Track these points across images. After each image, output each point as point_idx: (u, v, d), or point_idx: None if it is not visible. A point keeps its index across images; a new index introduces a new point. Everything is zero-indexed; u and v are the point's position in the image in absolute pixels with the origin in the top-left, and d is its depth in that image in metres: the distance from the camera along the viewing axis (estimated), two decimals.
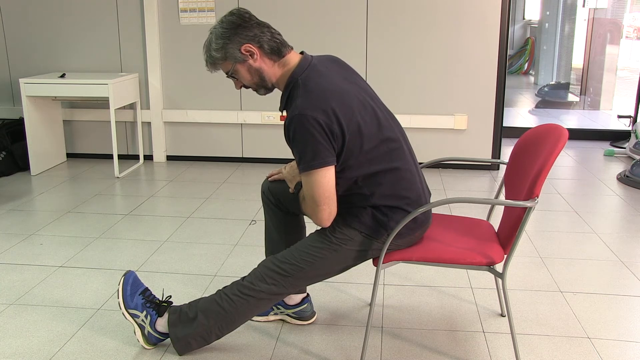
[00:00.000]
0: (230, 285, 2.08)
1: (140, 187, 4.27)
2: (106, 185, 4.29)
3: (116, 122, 4.88)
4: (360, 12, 4.54)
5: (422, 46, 4.56)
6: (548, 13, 9.66)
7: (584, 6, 8.19)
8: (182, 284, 2.73)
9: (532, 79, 10.56)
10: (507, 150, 5.06)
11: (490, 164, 4.76)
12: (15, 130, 4.67)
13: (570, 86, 8.48)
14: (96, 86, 4.36)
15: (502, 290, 2.42)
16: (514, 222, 1.97)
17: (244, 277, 2.07)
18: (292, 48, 1.99)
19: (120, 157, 4.90)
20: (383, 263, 1.99)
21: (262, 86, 2.00)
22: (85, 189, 4.20)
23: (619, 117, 5.71)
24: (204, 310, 2.07)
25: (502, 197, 3.32)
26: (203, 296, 2.32)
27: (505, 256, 2.02)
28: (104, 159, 5.00)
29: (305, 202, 1.94)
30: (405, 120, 4.59)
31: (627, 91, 7.95)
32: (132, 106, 4.89)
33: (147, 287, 2.21)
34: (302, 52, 2.01)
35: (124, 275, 2.19)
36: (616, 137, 5.64)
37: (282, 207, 2.28)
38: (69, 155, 5.09)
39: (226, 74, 1.99)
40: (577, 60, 8.47)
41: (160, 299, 2.23)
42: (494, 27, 4.46)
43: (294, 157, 1.89)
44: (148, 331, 2.15)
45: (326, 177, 1.85)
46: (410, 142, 2.48)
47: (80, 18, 4.80)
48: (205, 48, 1.97)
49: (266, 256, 2.42)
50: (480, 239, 2.12)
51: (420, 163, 2.27)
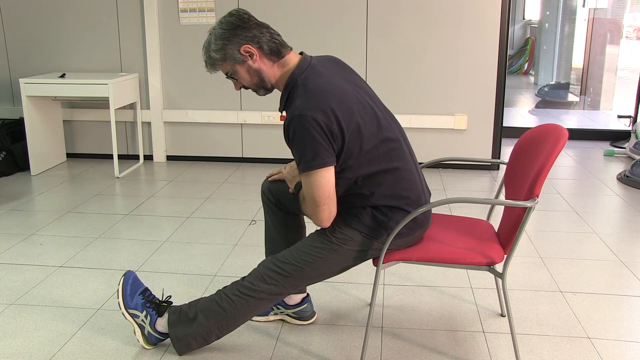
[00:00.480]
0: (230, 286, 2.08)
1: (140, 187, 4.27)
2: (106, 185, 4.29)
3: (116, 122, 4.88)
4: (360, 12, 4.54)
5: (422, 46, 4.56)
6: (548, 13, 9.66)
7: (584, 6, 8.19)
8: (182, 284, 2.73)
9: (532, 79, 10.56)
10: (507, 150, 5.06)
11: (490, 164, 4.76)
12: (15, 130, 4.67)
13: (570, 86, 8.48)
14: (96, 86, 4.36)
15: (502, 290, 2.42)
16: (514, 222, 1.97)
17: (244, 277, 2.07)
18: (291, 48, 1.99)
19: (120, 157, 4.90)
20: (383, 263, 1.99)
21: (262, 87, 2.00)
22: (85, 189, 4.20)
23: (619, 117, 5.71)
24: (204, 310, 2.07)
25: (502, 197, 3.32)
26: (203, 296, 2.32)
27: (505, 256, 2.02)
28: (104, 159, 5.00)
29: (305, 202, 1.94)
30: (405, 120, 4.59)
31: (627, 91, 7.95)
32: (132, 106, 4.89)
33: (147, 287, 2.21)
34: (301, 53, 2.01)
35: (124, 275, 2.19)
36: (616, 137, 5.64)
37: (282, 207, 2.28)
38: (69, 155, 5.09)
39: (226, 74, 1.99)
40: (577, 60, 8.47)
41: (160, 299, 2.23)
42: (494, 27, 4.46)
43: (293, 158, 1.89)
44: (148, 331, 2.15)
45: (326, 178, 1.85)
46: (410, 142, 2.48)
47: (80, 18, 4.80)
48: (204, 49, 1.97)
49: (266, 256, 2.42)
50: (480, 239, 2.12)
51: (420, 163, 2.27)
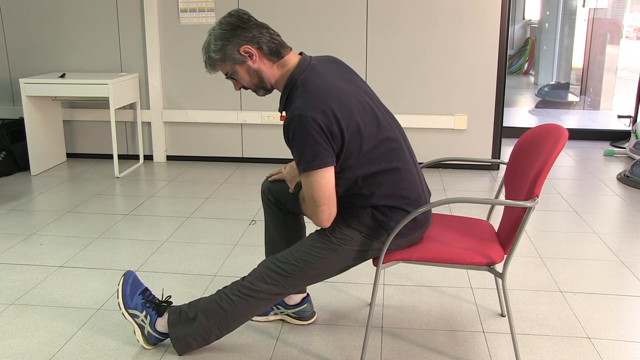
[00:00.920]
0: (230, 286, 2.08)
1: (140, 187, 4.27)
2: (106, 185, 4.29)
3: (116, 122, 4.88)
4: (360, 12, 4.54)
5: (422, 46, 4.56)
6: (548, 13, 9.66)
7: (584, 6, 8.19)
8: (182, 284, 2.73)
9: (532, 79, 10.56)
10: (507, 150, 5.06)
11: (490, 164, 4.76)
12: (15, 130, 4.67)
13: (570, 86, 8.47)
14: (96, 86, 4.36)
15: (502, 290, 2.42)
16: (514, 222, 1.97)
17: (244, 277, 2.07)
18: (291, 49, 1.99)
19: (120, 157, 4.90)
20: (383, 263, 1.99)
21: (262, 87, 2.00)
22: (85, 189, 4.20)
23: (619, 117, 5.71)
24: (204, 311, 2.07)
25: (502, 197, 3.32)
26: (203, 296, 2.32)
27: (505, 256, 2.02)
28: (104, 159, 5.00)
29: (305, 202, 1.93)
30: (405, 120, 4.59)
31: (627, 91, 7.95)
32: (132, 106, 4.89)
33: (146, 287, 2.21)
34: (301, 53, 2.00)
35: (124, 275, 2.19)
36: (616, 137, 5.64)
37: (282, 207, 2.28)
38: (69, 155, 5.09)
39: (225, 75, 1.98)
40: (577, 60, 8.47)
41: (160, 299, 2.23)
42: (494, 27, 4.46)
43: (293, 158, 1.88)
44: (148, 331, 2.15)
45: (326, 178, 1.85)
46: (410, 142, 2.48)
47: (80, 18, 4.80)
48: (204, 50, 1.97)
49: (266, 256, 2.42)
50: (480, 239, 2.12)
51: (420, 163, 2.27)
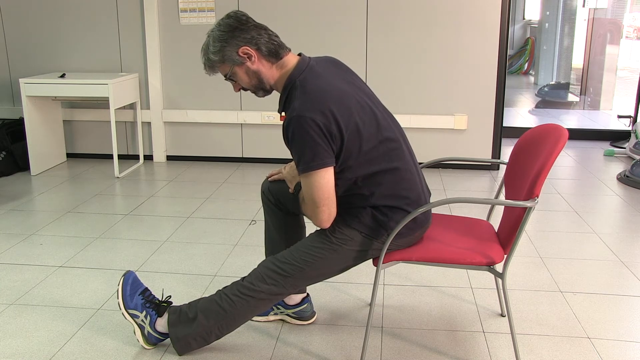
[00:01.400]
0: (230, 286, 2.08)
1: (140, 187, 4.27)
2: (106, 185, 4.29)
3: (116, 122, 4.88)
4: (360, 12, 4.54)
5: (422, 46, 4.56)
6: (548, 13, 9.66)
7: (584, 6, 8.19)
8: (182, 284, 2.73)
9: (532, 79, 10.56)
10: (507, 150, 5.06)
11: (490, 164, 4.76)
12: (15, 130, 4.67)
13: (570, 86, 8.48)
14: (96, 86, 4.36)
15: (502, 290, 2.42)
16: (514, 222, 1.97)
17: (244, 277, 2.07)
18: (289, 50, 1.99)
19: (120, 157, 4.90)
20: (383, 263, 1.99)
21: (261, 88, 2.00)
22: (85, 189, 4.20)
23: (619, 117, 5.71)
24: (203, 311, 2.07)
25: (502, 197, 3.32)
26: (203, 296, 2.32)
27: (505, 256, 2.02)
28: (104, 159, 5.00)
29: (305, 203, 1.94)
30: (405, 120, 4.59)
31: (627, 91, 7.95)
32: (132, 106, 4.89)
33: (146, 287, 2.21)
34: (299, 54, 2.00)
35: (124, 275, 2.19)
36: (616, 137, 5.64)
37: (282, 207, 2.28)
38: (69, 155, 5.09)
39: (224, 76, 1.99)
40: (577, 60, 8.47)
41: (160, 299, 2.23)
42: (494, 27, 4.46)
43: (292, 158, 1.88)
44: (148, 331, 2.15)
45: (325, 178, 1.85)
46: (410, 142, 2.47)
47: (80, 18, 4.80)
48: (203, 51, 1.97)
49: (266, 256, 2.42)
50: (480, 239, 2.12)
51: (420, 163, 2.27)
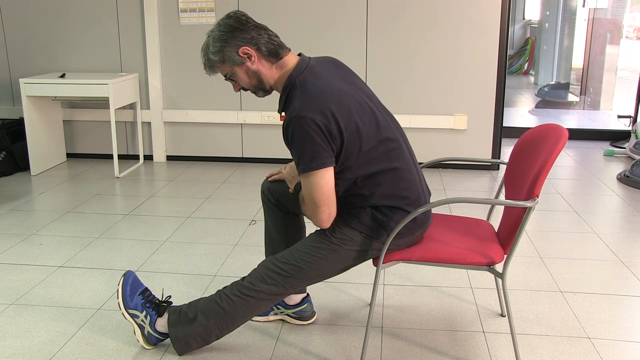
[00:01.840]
0: (230, 286, 2.08)
1: (140, 187, 4.27)
2: (106, 185, 4.29)
3: (116, 122, 4.88)
4: (360, 12, 4.54)
5: (422, 46, 4.56)
6: (548, 13, 9.66)
7: (584, 6, 8.19)
8: (182, 284, 2.73)
9: (532, 79, 10.56)
10: (507, 150, 5.06)
11: (490, 164, 4.76)
12: (15, 130, 4.67)
13: (570, 86, 8.48)
14: (96, 86, 4.36)
15: (502, 290, 2.42)
16: (514, 222, 1.97)
17: (244, 277, 2.07)
18: (289, 50, 1.99)
19: (120, 157, 4.90)
20: (383, 263, 1.99)
21: (261, 88, 2.00)
22: (85, 189, 4.20)
23: (619, 117, 5.71)
24: (203, 311, 2.07)
25: (502, 197, 3.32)
26: (203, 296, 2.32)
27: (505, 256, 2.02)
28: (104, 159, 5.00)
29: (305, 203, 1.94)
30: (405, 120, 4.59)
31: (627, 91, 7.95)
32: (132, 106, 4.89)
33: (146, 287, 2.21)
34: (299, 54, 2.00)
35: (124, 275, 2.19)
36: (616, 137, 5.64)
37: (282, 207, 2.28)
38: (69, 155, 5.09)
39: (224, 76, 1.99)
40: (577, 60, 8.47)
41: (160, 299, 2.23)
42: (494, 27, 4.46)
43: (293, 159, 1.88)
44: (148, 331, 2.15)
45: (325, 179, 1.85)
46: (410, 142, 2.47)
47: (80, 18, 4.80)
48: (203, 51, 1.97)
49: (266, 256, 2.42)
50: (480, 239, 2.12)
51: (420, 163, 2.27)
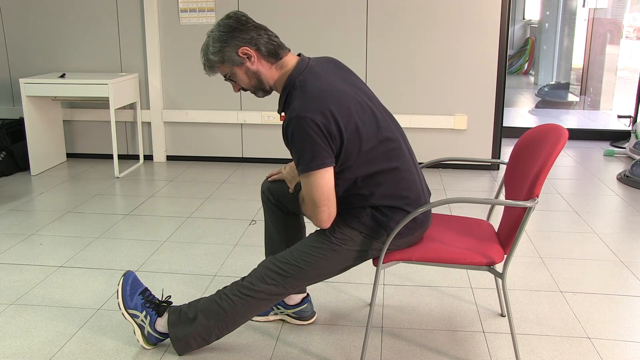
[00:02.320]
0: (230, 286, 2.08)
1: (140, 187, 4.27)
2: (106, 185, 4.29)
3: (116, 122, 4.88)
4: (360, 12, 4.54)
5: (422, 46, 4.56)
6: (548, 13, 9.66)
7: (584, 6, 8.19)
8: (182, 284, 2.73)
9: (532, 79, 10.56)
10: (507, 150, 5.06)
11: (490, 164, 4.76)
12: (15, 130, 4.67)
13: (570, 86, 8.48)
14: (96, 86, 4.36)
15: (502, 290, 2.42)
16: (514, 222, 1.97)
17: (244, 277, 2.07)
18: (289, 50, 1.99)
19: (120, 157, 4.90)
20: (383, 263, 1.99)
21: (260, 89, 2.01)
22: (85, 189, 4.20)
23: (619, 117, 5.71)
24: (203, 311, 2.07)
25: (502, 197, 3.32)
26: (203, 296, 2.32)
27: (505, 256, 2.02)
28: (104, 159, 5.00)
29: (305, 203, 1.94)
30: (405, 120, 4.59)
31: (627, 91, 7.95)
32: (132, 106, 4.89)
33: (146, 287, 2.21)
34: (299, 54, 2.01)
35: (124, 275, 2.19)
36: (616, 137, 5.64)
37: (282, 207, 2.28)
38: (69, 155, 5.09)
39: (224, 77, 1.99)
40: (577, 60, 8.47)
41: (160, 299, 2.23)
42: (494, 27, 4.46)
43: (292, 159, 1.88)
44: (148, 331, 2.15)
45: (325, 178, 1.85)
46: (410, 142, 2.47)
47: (80, 18, 4.80)
48: (202, 51, 1.98)
49: (266, 256, 2.42)
50: (480, 239, 2.12)
51: (420, 163, 2.27)
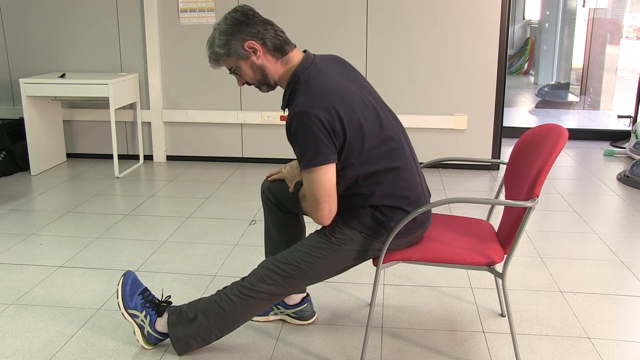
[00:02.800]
0: (230, 286, 2.08)
1: (140, 187, 4.27)
2: (106, 185, 4.29)
3: (116, 122, 4.88)
4: (360, 12, 4.54)
5: (422, 46, 4.55)
6: (548, 13, 9.67)
7: (584, 6, 8.19)
8: (182, 284, 2.73)
9: (532, 79, 10.56)
10: (507, 150, 5.06)
11: (490, 164, 4.76)
12: (15, 130, 4.67)
13: (570, 86, 8.47)
14: (96, 86, 4.36)
15: (502, 290, 2.42)
16: (514, 222, 1.97)
17: (244, 277, 2.07)
18: (295, 46, 1.99)
19: (120, 157, 4.90)
20: (383, 263, 1.99)
21: (265, 83, 2.01)
22: (85, 189, 4.19)
23: (619, 117, 5.71)
24: (203, 311, 2.07)
25: (502, 197, 3.32)
26: (203, 296, 2.32)
27: (505, 256, 2.02)
28: (104, 159, 5.00)
29: (306, 200, 1.94)
30: (405, 120, 4.59)
31: (627, 91, 7.95)
32: (132, 106, 4.89)
33: (146, 287, 2.21)
34: (304, 51, 2.01)
35: (124, 275, 2.19)
36: (616, 137, 5.64)
37: (282, 207, 2.28)
38: (69, 155, 5.09)
39: (229, 70, 1.99)
40: (577, 60, 8.47)
41: (160, 299, 2.23)
42: (494, 27, 4.46)
43: (295, 156, 1.89)
44: (148, 331, 2.15)
45: (327, 175, 1.85)
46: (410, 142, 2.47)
47: (80, 18, 4.80)
48: (208, 44, 1.98)
49: (266, 256, 2.42)
50: (480, 239, 2.12)
51: (420, 163, 2.27)
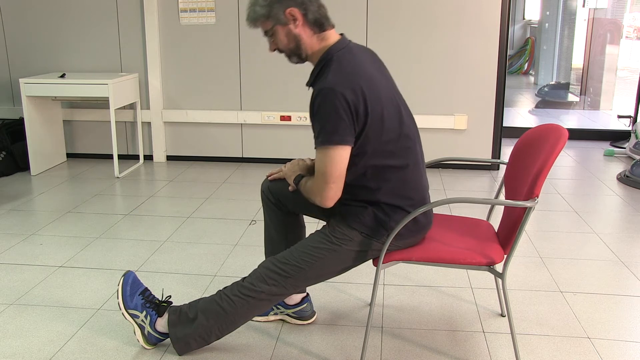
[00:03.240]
0: (231, 286, 2.08)
1: (140, 187, 4.27)
2: (106, 185, 4.29)
3: (116, 122, 4.88)
4: (360, 12, 4.54)
5: (422, 46, 4.55)
6: (548, 13, 9.67)
7: (584, 6, 8.19)
8: (182, 284, 2.73)
9: (532, 79, 10.56)
10: (507, 150, 5.06)
11: (490, 164, 4.76)
12: (15, 130, 4.67)
13: (570, 86, 8.48)
14: (96, 86, 4.36)
15: (502, 290, 2.42)
16: (514, 222, 1.97)
17: (244, 277, 2.07)
18: (333, 26, 1.99)
19: (120, 157, 4.90)
20: (383, 263, 1.99)
21: (296, 54, 1.99)
22: (85, 189, 4.19)
23: (619, 117, 5.71)
24: (204, 311, 2.07)
25: (502, 197, 3.32)
26: (203, 296, 2.32)
27: (505, 256, 2.02)
28: (104, 159, 5.00)
29: (314, 179, 1.93)
30: None
31: (627, 91, 7.95)
32: (132, 106, 4.89)
33: (146, 287, 2.21)
34: (341, 34, 2.01)
35: (124, 275, 2.19)
36: (616, 137, 5.64)
37: (282, 207, 2.28)
38: (69, 155, 5.09)
39: (264, 33, 1.99)
40: (577, 60, 8.47)
41: (160, 299, 2.23)
42: (494, 27, 4.46)
43: (313, 133, 1.87)
44: (148, 331, 2.15)
45: (341, 156, 1.85)
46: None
47: (80, 18, 4.80)
48: (250, 2, 1.96)
49: (266, 256, 2.42)
50: (480, 239, 2.12)
51: None
